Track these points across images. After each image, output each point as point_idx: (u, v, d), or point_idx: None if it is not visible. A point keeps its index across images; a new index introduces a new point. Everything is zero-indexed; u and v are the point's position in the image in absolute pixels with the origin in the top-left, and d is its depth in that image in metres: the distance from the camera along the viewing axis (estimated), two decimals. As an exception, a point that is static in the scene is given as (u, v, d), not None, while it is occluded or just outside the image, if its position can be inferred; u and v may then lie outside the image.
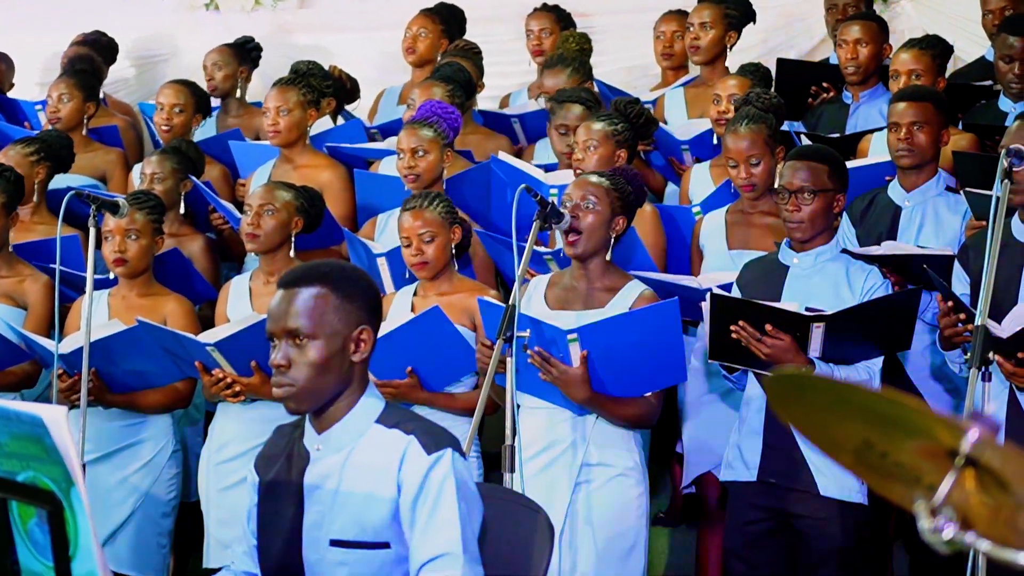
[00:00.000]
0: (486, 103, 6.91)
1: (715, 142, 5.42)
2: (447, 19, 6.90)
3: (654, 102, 6.29)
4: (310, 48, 7.69)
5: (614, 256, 4.13)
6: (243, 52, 6.85)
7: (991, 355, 3.69)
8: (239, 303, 4.70)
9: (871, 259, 4.33)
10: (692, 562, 5.07)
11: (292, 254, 4.70)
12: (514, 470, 3.66)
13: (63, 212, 4.37)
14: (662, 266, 4.91)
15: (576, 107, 5.30)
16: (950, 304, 3.98)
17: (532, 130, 6.18)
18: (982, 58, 6.35)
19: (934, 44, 5.48)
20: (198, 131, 6.17)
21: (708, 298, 4.05)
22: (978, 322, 3.60)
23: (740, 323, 3.98)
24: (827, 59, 6.60)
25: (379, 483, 2.83)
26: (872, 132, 5.46)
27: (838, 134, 5.59)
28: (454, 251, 4.49)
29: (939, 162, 4.82)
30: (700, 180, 5.42)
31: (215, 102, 6.63)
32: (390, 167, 5.54)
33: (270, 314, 2.88)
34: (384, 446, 2.85)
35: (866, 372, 4.09)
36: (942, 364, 4.53)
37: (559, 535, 3.90)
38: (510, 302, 3.80)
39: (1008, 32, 5.51)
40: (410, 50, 6.77)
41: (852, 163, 4.84)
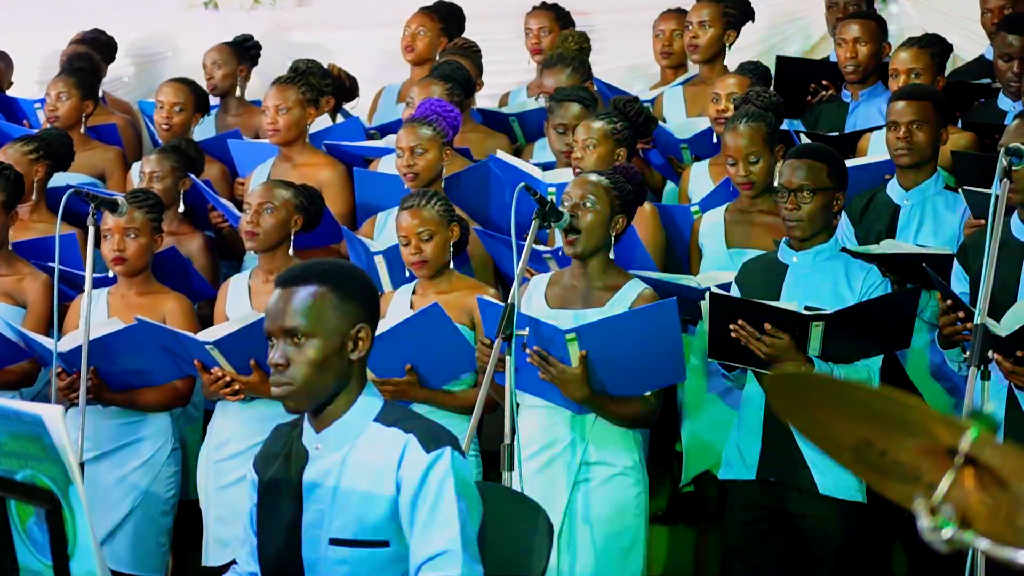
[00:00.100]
0: (485, 101, 6.90)
1: (714, 140, 5.42)
2: (446, 17, 6.89)
3: (653, 100, 6.29)
4: (309, 46, 7.67)
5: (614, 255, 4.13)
6: (242, 50, 6.84)
7: (990, 354, 3.69)
8: (238, 301, 4.70)
9: (870, 258, 4.33)
10: (691, 561, 5.07)
11: (291, 252, 4.70)
12: (513, 469, 3.66)
13: (62, 210, 4.37)
14: (661, 265, 4.90)
15: (574, 106, 5.29)
16: (949, 303, 3.98)
17: (531, 129, 6.17)
18: (981, 57, 6.34)
19: (933, 43, 5.48)
20: (197, 129, 6.17)
21: (707, 297, 4.05)
22: (977, 321, 3.60)
23: (739, 322, 3.98)
24: (827, 57, 6.59)
25: (378, 481, 2.83)
26: (871, 131, 5.46)
27: (837, 133, 5.59)
28: (452, 249, 4.49)
29: (938, 161, 4.82)
30: (699, 179, 5.42)
31: (214, 100, 6.63)
32: (389, 165, 5.54)
33: (268, 313, 2.87)
34: (383, 444, 2.84)
35: (865, 371, 4.09)
36: (941, 363, 4.53)
37: (558, 534, 3.90)
38: (509, 300, 3.80)
39: (1007, 31, 5.51)
40: (409, 48, 6.76)
41: (851, 162, 4.84)
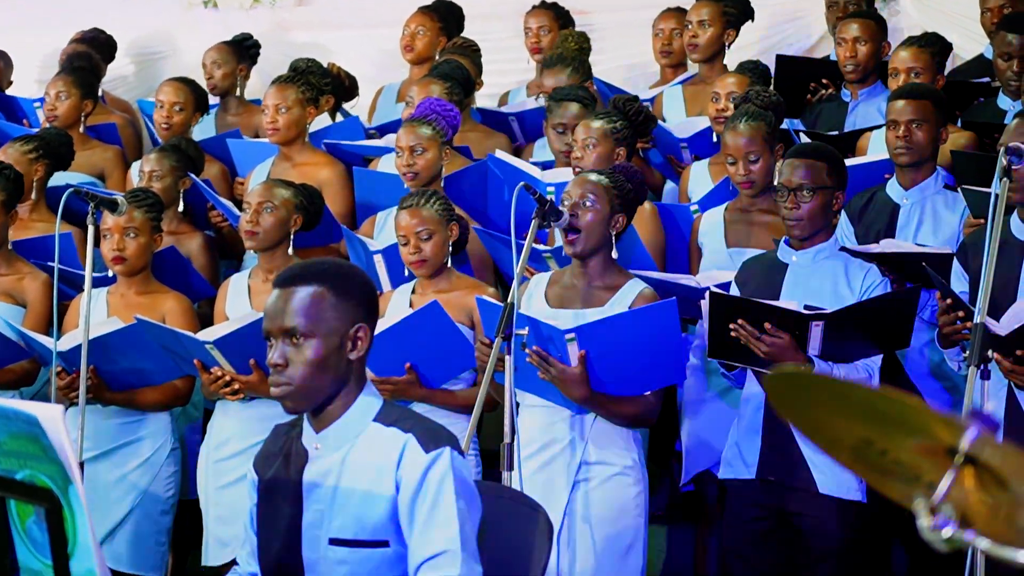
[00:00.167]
0: (484, 101, 6.90)
1: (714, 140, 5.42)
2: (445, 16, 6.89)
3: (653, 100, 6.29)
4: (309, 46, 7.67)
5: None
6: (242, 50, 6.84)
7: (990, 353, 3.69)
8: (238, 301, 4.70)
9: (870, 257, 4.33)
10: (690, 560, 5.07)
11: (291, 252, 4.70)
12: (513, 468, 3.66)
13: (61, 209, 4.37)
14: (661, 264, 4.90)
15: (573, 105, 5.29)
16: (949, 302, 3.98)
17: (531, 128, 6.17)
18: (981, 56, 6.34)
19: (933, 42, 5.48)
20: (196, 129, 6.17)
21: (707, 296, 4.05)
22: (977, 320, 3.59)
23: (739, 321, 3.98)
24: (827, 56, 6.59)
25: (377, 481, 2.83)
26: (871, 130, 5.46)
27: (837, 132, 5.59)
28: (451, 249, 4.48)
29: (938, 160, 4.82)
30: (699, 178, 5.42)
31: (214, 100, 6.63)
32: (389, 165, 5.54)
33: (266, 313, 2.87)
34: (382, 444, 2.84)
35: (865, 370, 4.09)
36: (941, 362, 4.53)
37: (557, 533, 3.90)
38: (509, 300, 3.80)
39: (1007, 30, 5.51)
40: (408, 47, 6.76)
41: (851, 161, 4.84)
